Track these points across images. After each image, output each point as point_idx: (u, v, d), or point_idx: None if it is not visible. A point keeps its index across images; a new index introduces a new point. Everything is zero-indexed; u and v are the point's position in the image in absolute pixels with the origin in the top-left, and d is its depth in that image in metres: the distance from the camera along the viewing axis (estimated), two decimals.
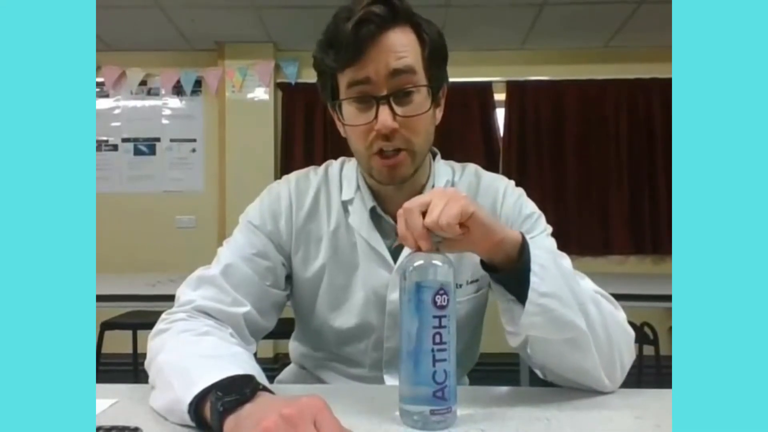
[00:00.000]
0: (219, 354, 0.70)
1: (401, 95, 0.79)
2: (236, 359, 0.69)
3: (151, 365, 0.74)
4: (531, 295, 0.68)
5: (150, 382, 0.74)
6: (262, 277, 0.87)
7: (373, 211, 0.89)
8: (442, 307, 0.62)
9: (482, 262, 0.74)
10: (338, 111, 0.85)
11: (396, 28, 0.79)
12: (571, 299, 0.71)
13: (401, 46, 0.79)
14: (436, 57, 0.83)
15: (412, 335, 0.63)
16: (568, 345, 0.72)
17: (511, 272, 0.71)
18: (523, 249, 0.70)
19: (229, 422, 0.56)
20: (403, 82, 0.79)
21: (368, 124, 0.80)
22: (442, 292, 0.62)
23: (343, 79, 0.81)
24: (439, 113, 0.89)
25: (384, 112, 0.78)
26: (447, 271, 0.63)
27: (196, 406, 0.61)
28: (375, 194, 0.90)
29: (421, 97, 0.81)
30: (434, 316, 0.62)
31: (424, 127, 0.83)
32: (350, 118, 0.82)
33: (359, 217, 0.89)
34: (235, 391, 0.58)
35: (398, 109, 0.79)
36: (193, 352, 0.71)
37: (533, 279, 0.68)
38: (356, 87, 0.79)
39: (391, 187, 0.87)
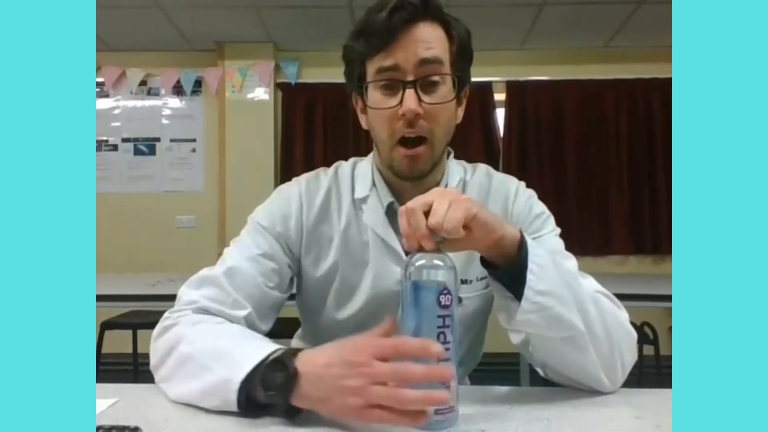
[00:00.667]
0: (251, 335, 0.76)
1: (427, 84, 0.81)
2: (266, 340, 0.74)
3: (166, 359, 0.75)
4: (527, 292, 0.68)
5: (163, 376, 0.75)
6: (266, 279, 0.87)
7: (389, 208, 0.90)
8: (446, 307, 0.62)
9: (482, 259, 0.74)
10: (364, 97, 0.86)
11: (426, 21, 0.81)
12: (569, 298, 0.71)
13: (430, 38, 0.81)
14: (462, 54, 0.86)
15: (416, 335, 0.63)
16: (567, 344, 0.72)
17: (509, 270, 0.71)
18: (522, 247, 0.70)
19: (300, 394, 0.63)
20: (430, 71, 0.81)
21: (393, 108, 0.81)
22: (446, 291, 0.62)
23: (372, 66, 0.83)
24: (460, 112, 0.90)
25: (410, 96, 0.80)
26: (450, 271, 0.63)
27: (246, 386, 0.65)
28: (392, 191, 0.91)
29: (447, 89, 0.83)
30: (439, 316, 0.62)
31: (446, 119, 0.84)
32: (376, 102, 0.84)
33: (374, 214, 0.90)
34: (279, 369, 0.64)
35: (423, 97, 0.81)
36: (227, 334, 0.76)
37: (530, 277, 0.68)
38: (384, 73, 0.81)
39: (408, 184, 0.87)
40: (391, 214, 0.90)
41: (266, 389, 0.64)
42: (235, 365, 0.66)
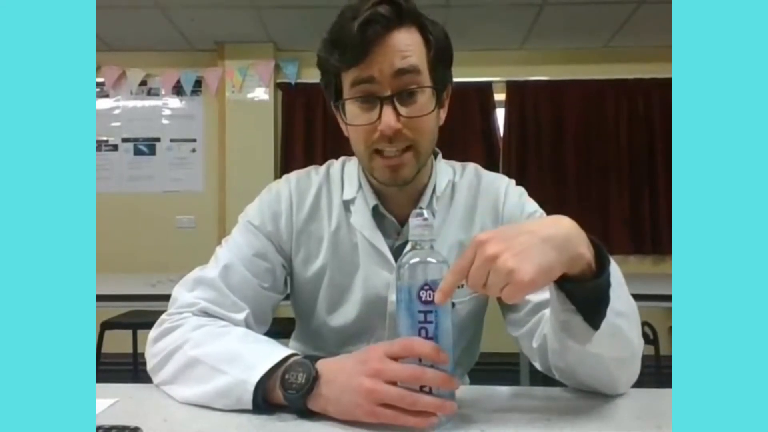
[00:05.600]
0: (263, 339, 0.77)
1: (405, 96, 0.79)
2: (277, 344, 0.75)
3: (169, 362, 0.75)
4: (609, 314, 0.64)
5: (166, 379, 0.75)
6: (261, 279, 0.87)
7: (375, 210, 0.89)
8: (427, 303, 0.62)
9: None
10: (341, 111, 0.85)
11: (401, 28, 0.79)
12: (635, 318, 0.69)
13: (406, 46, 0.78)
14: (441, 58, 0.83)
15: (400, 331, 0.64)
16: (614, 362, 0.71)
17: (587, 284, 0.64)
18: (602, 261, 0.64)
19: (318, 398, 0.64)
20: (408, 81, 0.78)
21: (371, 125, 0.79)
22: (427, 287, 0.62)
23: (347, 78, 0.80)
24: (442, 114, 0.88)
25: (387, 113, 0.77)
26: (438, 269, 0.63)
27: (264, 387, 0.66)
28: (377, 193, 0.90)
29: (426, 98, 0.81)
30: (419, 311, 0.62)
31: (428, 128, 0.82)
32: (353, 118, 0.82)
33: (361, 216, 0.89)
34: (301, 370, 0.65)
35: (402, 110, 0.78)
36: (235, 338, 0.75)
37: (613, 296, 0.64)
38: (360, 86, 0.79)
39: (393, 189, 0.86)
40: (377, 217, 0.89)
41: (286, 389, 0.65)
42: (250, 367, 0.68)
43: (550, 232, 0.61)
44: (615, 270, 0.66)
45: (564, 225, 0.63)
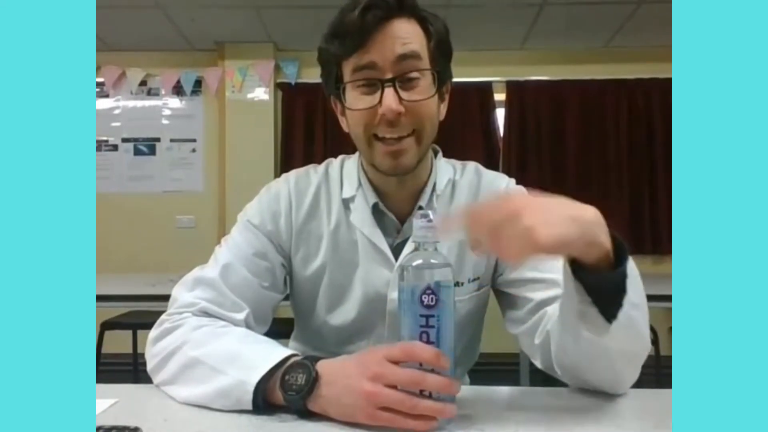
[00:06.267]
0: (263, 340, 0.76)
1: (406, 80, 0.79)
2: (277, 344, 0.75)
3: (168, 362, 0.75)
4: (626, 305, 0.64)
5: (166, 379, 0.75)
6: (261, 279, 0.87)
7: (375, 208, 0.89)
8: (429, 307, 0.62)
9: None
10: (342, 99, 0.84)
11: (402, 17, 0.79)
12: (647, 313, 0.69)
13: (407, 34, 0.79)
14: (441, 50, 0.83)
15: (402, 334, 0.64)
16: (621, 357, 0.70)
17: (605, 275, 0.64)
18: (621, 252, 0.65)
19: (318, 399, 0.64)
20: (408, 67, 0.79)
21: (372, 108, 0.79)
22: (429, 291, 0.62)
23: (348, 66, 0.80)
24: (443, 109, 0.88)
25: (389, 95, 0.77)
26: (441, 272, 0.63)
27: (264, 387, 0.66)
28: (377, 191, 0.89)
29: (427, 84, 0.81)
30: (421, 315, 0.62)
31: (429, 114, 0.82)
32: (354, 102, 0.82)
33: (361, 214, 0.89)
34: (301, 370, 0.65)
35: (403, 94, 0.78)
36: (235, 338, 0.75)
37: (630, 287, 0.64)
38: (361, 72, 0.79)
39: (393, 183, 0.86)
40: (377, 214, 0.89)
41: (286, 390, 0.65)
42: (250, 368, 0.68)
43: (577, 212, 0.62)
44: (632, 264, 0.66)
45: (590, 212, 0.64)
